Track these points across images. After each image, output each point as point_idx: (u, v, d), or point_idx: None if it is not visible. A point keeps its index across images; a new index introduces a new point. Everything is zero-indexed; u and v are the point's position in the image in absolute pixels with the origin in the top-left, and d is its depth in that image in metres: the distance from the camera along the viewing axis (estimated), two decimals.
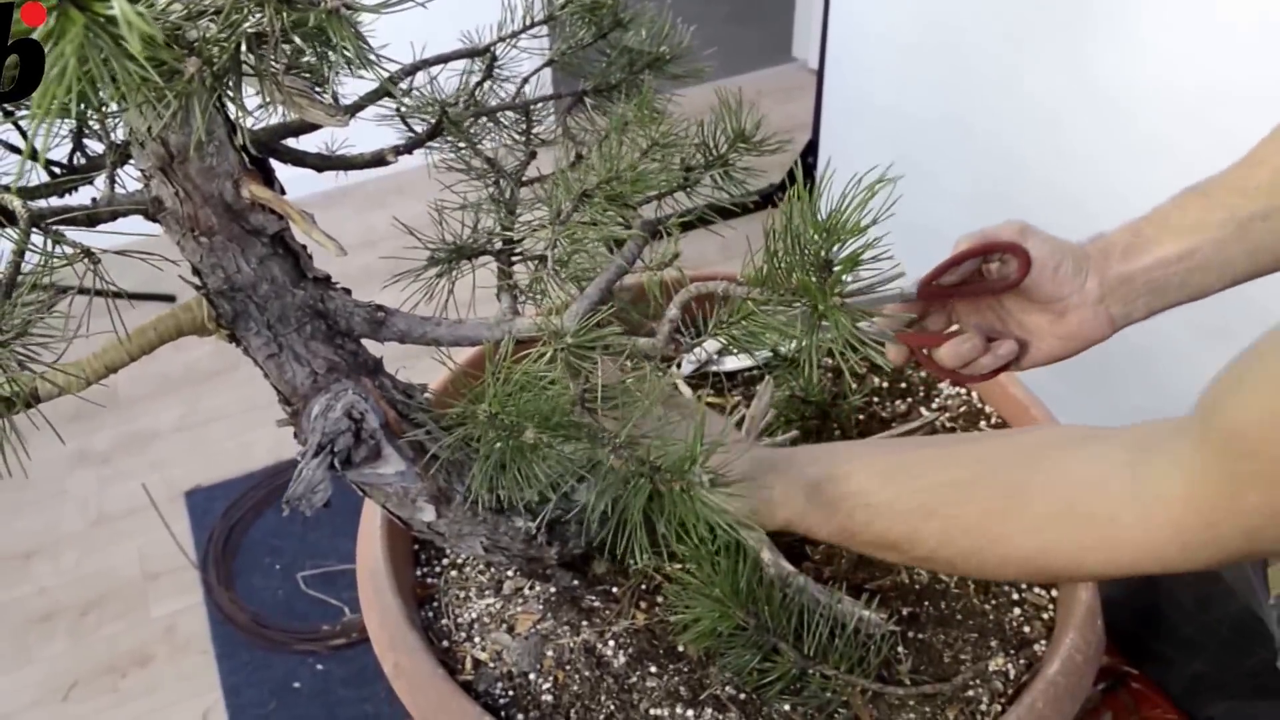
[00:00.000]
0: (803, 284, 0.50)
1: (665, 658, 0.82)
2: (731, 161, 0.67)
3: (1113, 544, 0.58)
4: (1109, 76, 1.58)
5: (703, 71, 0.79)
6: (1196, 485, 0.53)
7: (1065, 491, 0.60)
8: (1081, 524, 0.59)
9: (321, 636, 1.86)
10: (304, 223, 0.59)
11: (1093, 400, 1.85)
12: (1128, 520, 0.56)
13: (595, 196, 0.62)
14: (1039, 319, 0.79)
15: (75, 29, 0.27)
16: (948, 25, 1.94)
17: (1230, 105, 1.38)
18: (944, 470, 0.67)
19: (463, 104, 0.75)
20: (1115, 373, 1.82)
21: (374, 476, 0.67)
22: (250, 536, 2.05)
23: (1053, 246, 0.78)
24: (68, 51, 0.27)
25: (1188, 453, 0.55)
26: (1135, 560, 0.57)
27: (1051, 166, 1.75)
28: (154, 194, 0.57)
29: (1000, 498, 0.63)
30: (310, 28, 0.38)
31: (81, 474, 2.20)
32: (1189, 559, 0.55)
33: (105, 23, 0.27)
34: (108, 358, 0.55)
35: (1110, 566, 0.59)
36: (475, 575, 0.89)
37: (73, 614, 1.91)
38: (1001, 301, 0.81)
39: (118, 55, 0.28)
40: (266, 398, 0.68)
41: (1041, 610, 0.88)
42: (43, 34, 0.27)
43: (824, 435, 1.03)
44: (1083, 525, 0.59)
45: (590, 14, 0.74)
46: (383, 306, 0.67)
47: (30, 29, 0.27)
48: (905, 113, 2.11)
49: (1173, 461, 0.55)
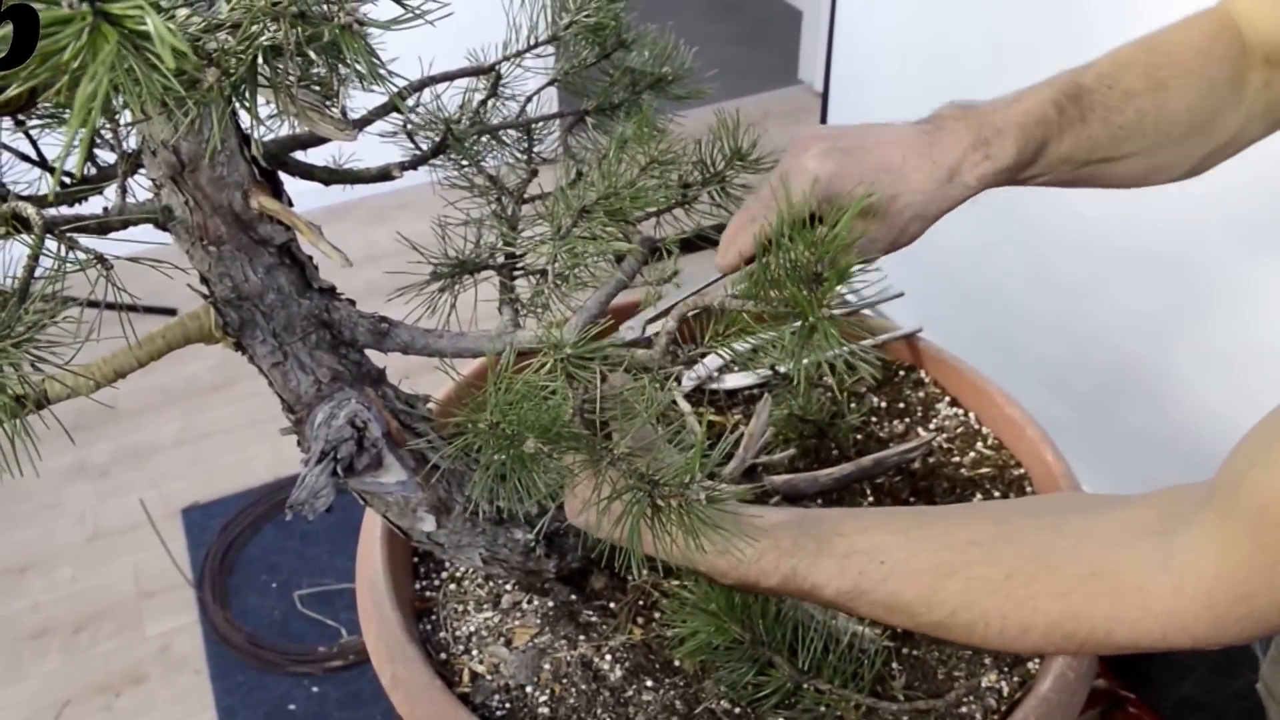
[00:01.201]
0: (793, 296, 0.51)
1: (661, 672, 0.83)
2: (729, 179, 0.69)
3: (1142, 614, 0.56)
4: None
5: (704, 92, 0.80)
6: (1228, 558, 0.52)
7: (1094, 556, 0.58)
8: (1110, 591, 0.57)
9: (318, 658, 1.85)
10: (311, 234, 0.60)
11: (1091, 423, 1.86)
12: (1158, 590, 0.55)
13: (595, 212, 0.64)
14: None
15: (109, 46, 0.28)
16: (951, 47, 1.97)
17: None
18: (966, 529, 0.63)
19: (467, 121, 0.76)
20: (1114, 397, 1.83)
21: (375, 485, 0.68)
22: (247, 554, 2.05)
23: (846, 176, 0.72)
24: (101, 71, 0.28)
25: (1216, 525, 0.54)
26: (1165, 632, 0.56)
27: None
28: (164, 203, 0.58)
29: (1026, 559, 0.60)
30: (324, 42, 0.39)
31: (79, 487, 2.19)
32: (1219, 634, 0.54)
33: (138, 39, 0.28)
34: (117, 362, 0.56)
35: (1139, 637, 0.57)
36: (474, 589, 0.90)
37: (66, 631, 1.91)
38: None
39: (147, 70, 0.29)
40: (265, 413, 0.69)
41: None
42: (73, 52, 0.29)
43: (822, 454, 1.04)
44: (1112, 592, 0.57)
45: (594, 34, 0.76)
46: (386, 318, 0.68)
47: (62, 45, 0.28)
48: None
49: (1203, 533, 0.54)
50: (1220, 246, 1.54)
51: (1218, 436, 1.77)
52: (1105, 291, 1.78)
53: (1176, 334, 1.65)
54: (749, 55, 3.79)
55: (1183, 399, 1.68)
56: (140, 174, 0.62)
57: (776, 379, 1.03)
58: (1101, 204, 1.67)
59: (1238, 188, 1.47)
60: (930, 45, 2.04)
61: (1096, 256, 1.77)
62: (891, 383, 1.15)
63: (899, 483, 1.02)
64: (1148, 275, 1.68)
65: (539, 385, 0.54)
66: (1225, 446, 0.96)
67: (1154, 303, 1.69)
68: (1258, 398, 0.72)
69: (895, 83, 2.18)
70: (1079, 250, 1.79)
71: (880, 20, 2.18)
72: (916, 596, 0.62)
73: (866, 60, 2.25)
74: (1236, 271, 1.53)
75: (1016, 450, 1.05)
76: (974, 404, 1.10)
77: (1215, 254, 1.55)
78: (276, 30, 0.38)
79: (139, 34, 0.29)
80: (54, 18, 0.28)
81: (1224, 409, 1.59)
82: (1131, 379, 1.77)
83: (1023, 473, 1.02)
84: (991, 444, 1.06)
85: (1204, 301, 1.60)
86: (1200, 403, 1.64)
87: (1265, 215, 1.45)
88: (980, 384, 1.08)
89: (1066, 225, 1.76)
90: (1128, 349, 1.77)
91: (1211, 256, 1.56)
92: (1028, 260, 1.92)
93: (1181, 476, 1.08)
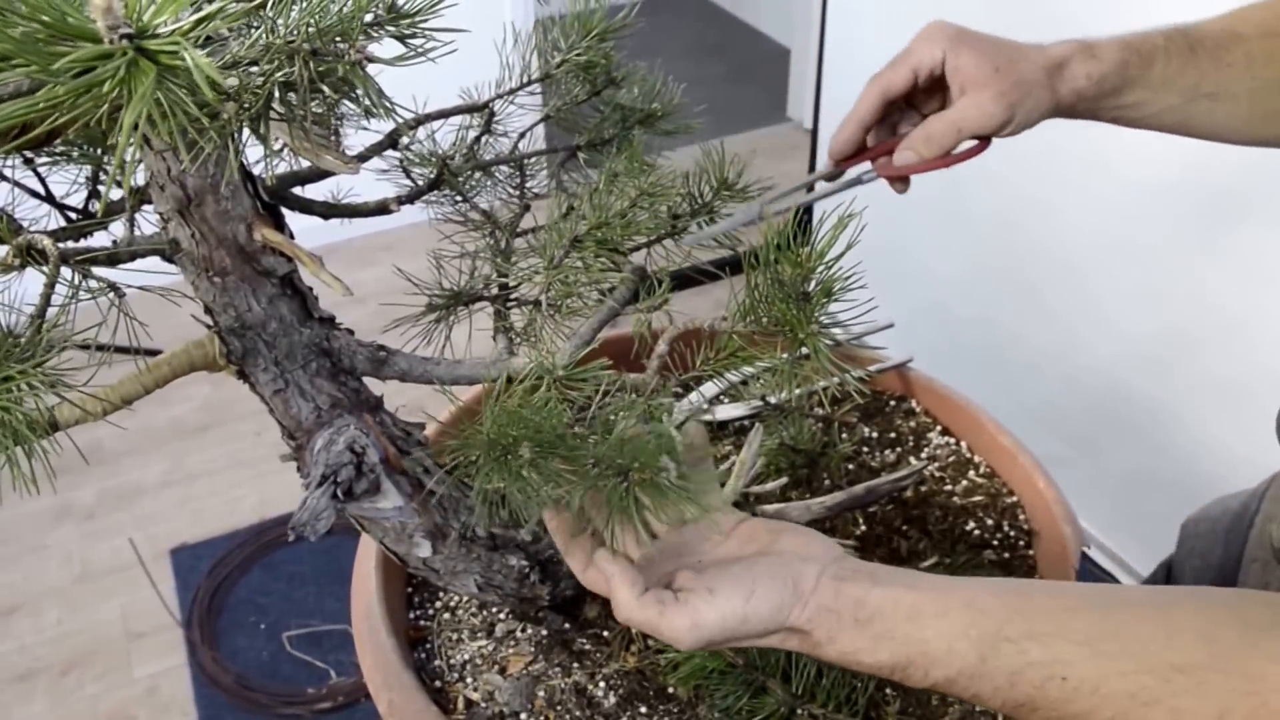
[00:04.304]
0: (782, 314, 0.53)
1: (655, 698, 0.83)
2: (716, 209, 0.71)
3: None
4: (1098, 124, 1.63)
5: (692, 127, 0.83)
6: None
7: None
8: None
9: (306, 700, 1.84)
10: (313, 265, 0.61)
11: (1088, 460, 1.87)
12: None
13: (586, 242, 0.66)
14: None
15: (149, 79, 0.30)
16: None
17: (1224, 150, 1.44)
18: (1169, 648, 0.54)
19: (461, 157, 0.78)
20: (1113, 431, 1.84)
21: (373, 511, 0.69)
22: (235, 595, 2.04)
23: (983, 55, 0.80)
24: (140, 103, 0.30)
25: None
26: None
27: (1048, 193, 1.77)
28: (172, 236, 0.60)
29: (1241, 694, 0.51)
30: (336, 78, 0.41)
31: (65, 529, 2.19)
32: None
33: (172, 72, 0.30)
34: (124, 389, 0.57)
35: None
36: (468, 618, 0.91)
37: (53, 673, 1.89)
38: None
39: (176, 101, 0.31)
40: (251, 455, 0.70)
41: None
42: (113, 85, 0.30)
43: (813, 483, 1.05)
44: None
45: (584, 72, 0.78)
46: (384, 346, 0.70)
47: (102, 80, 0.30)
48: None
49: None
50: (1218, 275, 1.56)
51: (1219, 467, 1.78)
52: (1099, 322, 1.79)
53: (1173, 364, 1.67)
54: (738, 94, 3.86)
55: (1180, 430, 1.69)
56: (146, 208, 0.64)
57: (768, 409, 1.04)
58: (1095, 231, 1.70)
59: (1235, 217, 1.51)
60: None
61: (1090, 286, 1.78)
62: (882, 412, 1.17)
63: (891, 511, 1.03)
64: (1143, 304, 1.70)
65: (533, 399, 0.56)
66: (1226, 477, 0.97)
67: (1150, 332, 1.70)
68: (1258, 427, 0.73)
69: None
70: (1072, 280, 1.81)
71: (867, 57, 2.21)
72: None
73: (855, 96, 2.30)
74: (1234, 299, 1.54)
75: (1009, 478, 1.06)
76: (965, 433, 1.12)
77: (1213, 282, 1.57)
78: (291, 67, 0.40)
79: (172, 69, 0.31)
80: (95, 54, 0.30)
81: (1224, 439, 1.60)
82: (1127, 410, 1.78)
83: (1015, 500, 1.04)
84: (984, 472, 1.08)
85: (1200, 332, 1.61)
86: (1199, 433, 1.65)
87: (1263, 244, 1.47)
88: (971, 412, 1.10)
89: (1060, 253, 1.78)
90: (1122, 379, 1.77)
91: (1209, 285, 1.58)
92: (1020, 290, 1.94)
93: (1180, 510, 1.10)
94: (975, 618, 0.57)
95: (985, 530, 1.00)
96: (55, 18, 0.30)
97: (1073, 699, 0.54)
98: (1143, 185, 1.61)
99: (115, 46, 0.30)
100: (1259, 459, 0.95)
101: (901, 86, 0.83)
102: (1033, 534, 1.00)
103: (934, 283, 2.05)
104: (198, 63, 0.30)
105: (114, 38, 0.30)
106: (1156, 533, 1.24)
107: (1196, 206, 1.54)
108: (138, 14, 0.31)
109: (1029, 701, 0.56)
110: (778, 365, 0.58)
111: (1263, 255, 1.48)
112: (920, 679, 0.58)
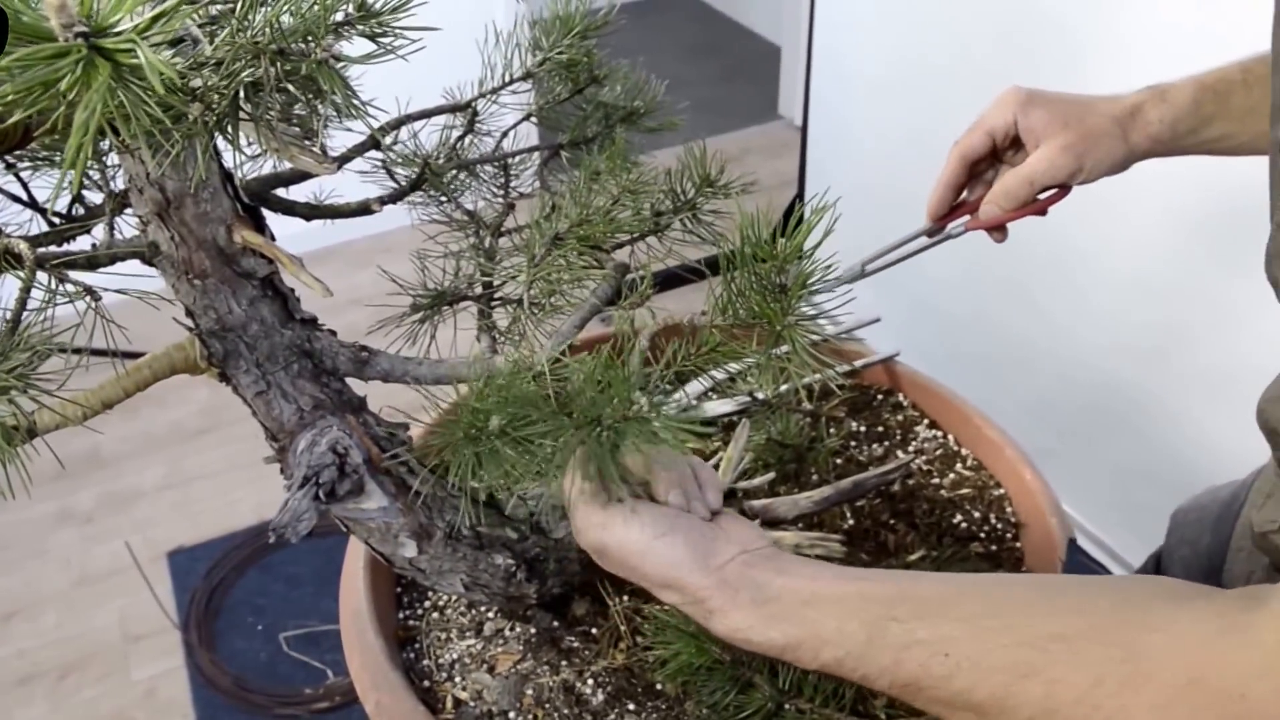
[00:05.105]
0: (759, 306, 0.53)
1: (643, 695, 0.84)
2: (699, 205, 0.71)
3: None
4: None
5: (675, 124, 0.83)
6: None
7: (1190, 659, 0.52)
8: (1210, 700, 0.50)
9: (304, 700, 1.85)
10: (293, 266, 0.62)
11: (1080, 454, 1.87)
12: (1260, 694, 0.49)
13: (568, 239, 0.66)
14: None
15: (102, 77, 0.30)
16: (928, 73, 2.01)
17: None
18: (1045, 620, 0.55)
19: (444, 158, 0.79)
20: (1103, 423, 1.84)
21: (357, 512, 0.69)
22: (233, 596, 2.05)
23: (1052, 112, 0.86)
24: (95, 99, 0.30)
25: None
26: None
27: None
28: (151, 238, 0.60)
29: (1116, 661, 0.52)
30: (302, 77, 0.41)
31: (63, 533, 2.19)
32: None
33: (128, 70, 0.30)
34: (105, 393, 0.58)
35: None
36: (456, 617, 0.91)
37: (52, 677, 1.90)
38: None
39: (136, 101, 0.31)
40: (249, 458, 0.70)
41: None
42: (69, 83, 0.31)
43: (801, 478, 1.05)
44: (1211, 702, 0.50)
45: (567, 71, 0.79)
46: (366, 347, 0.70)
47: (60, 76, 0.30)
48: (888, 162, 2.18)
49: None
50: (1205, 268, 1.56)
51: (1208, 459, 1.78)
52: (1089, 316, 1.79)
53: (1163, 356, 1.67)
54: (730, 93, 3.86)
55: (1170, 422, 1.70)
56: (127, 212, 0.64)
57: (755, 404, 1.04)
58: (1084, 227, 1.70)
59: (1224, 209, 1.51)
60: (906, 76, 2.09)
61: (1079, 281, 1.79)
62: (870, 406, 1.17)
63: (879, 505, 1.04)
64: (1133, 299, 1.70)
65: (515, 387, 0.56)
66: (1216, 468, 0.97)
67: (1139, 326, 1.71)
68: (1247, 419, 0.73)
69: (873, 114, 2.23)
70: (1062, 276, 1.81)
71: (855, 53, 2.23)
72: (988, 698, 0.55)
73: (844, 93, 2.30)
74: (1222, 294, 1.54)
75: (996, 470, 1.06)
76: (952, 426, 1.12)
77: (1201, 277, 1.57)
78: (257, 67, 0.40)
79: (130, 67, 0.31)
80: (50, 52, 0.30)
81: (1214, 430, 1.60)
82: (1117, 403, 1.79)
83: (1003, 493, 1.04)
84: (971, 465, 1.08)
85: (1190, 325, 1.62)
86: (1188, 425, 1.66)
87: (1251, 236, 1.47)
88: (958, 406, 1.10)
89: (1049, 247, 1.78)
90: (1112, 373, 1.78)
91: (1197, 279, 1.58)
92: (1010, 286, 1.94)
93: (1170, 501, 1.10)
94: (867, 602, 0.58)
95: (972, 523, 1.01)
96: (11, 16, 0.30)
97: (954, 675, 0.55)
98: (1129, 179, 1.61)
99: (71, 44, 0.30)
100: (1248, 450, 0.95)
101: (980, 150, 0.90)
102: (1020, 526, 1.00)
103: (925, 279, 2.05)
104: (151, 61, 0.30)
105: (69, 36, 0.31)
106: (1147, 523, 1.25)
107: (1185, 199, 1.54)
108: (93, 12, 0.31)
109: (914, 681, 0.56)
110: (758, 360, 0.58)
111: (1251, 248, 1.48)
112: (810, 660, 0.59)
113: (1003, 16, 1.78)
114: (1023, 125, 0.88)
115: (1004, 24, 1.78)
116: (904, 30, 2.06)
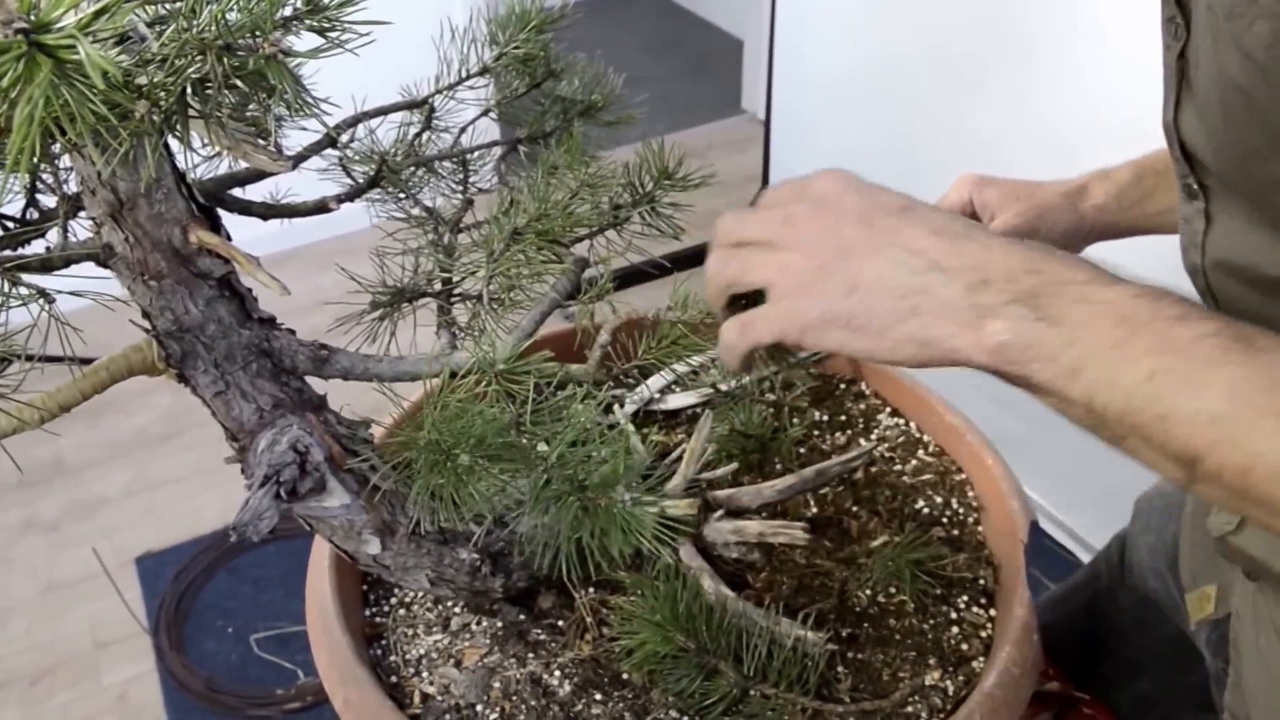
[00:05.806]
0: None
1: (610, 685, 0.84)
2: (658, 198, 0.72)
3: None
4: (1050, 111, 1.65)
5: (633, 117, 0.84)
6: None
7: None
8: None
9: (276, 701, 1.84)
10: (249, 265, 0.61)
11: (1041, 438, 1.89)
12: None
13: (526, 234, 0.66)
14: None
15: (43, 73, 0.30)
16: (890, 67, 2.02)
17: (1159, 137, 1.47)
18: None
19: (401, 155, 0.79)
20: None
21: (320, 509, 0.69)
22: (202, 600, 2.03)
23: (1004, 190, 0.94)
24: (36, 94, 0.30)
25: None
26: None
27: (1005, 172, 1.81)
28: (105, 240, 0.60)
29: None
30: (250, 72, 0.42)
31: (30, 541, 2.17)
32: None
33: (70, 67, 0.31)
34: (62, 396, 0.57)
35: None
36: (423, 613, 0.91)
37: (23, 683, 1.88)
38: None
39: (79, 98, 0.31)
40: (214, 462, 0.70)
41: (979, 629, 0.91)
42: (10, 80, 0.31)
43: (765, 468, 1.06)
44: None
45: (524, 65, 0.79)
46: (326, 345, 0.70)
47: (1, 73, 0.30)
48: (851, 156, 2.19)
49: None
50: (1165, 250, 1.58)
51: None
52: None
53: None
54: (694, 88, 3.86)
55: None
56: (81, 216, 0.63)
57: (718, 396, 1.05)
58: None
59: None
60: (868, 71, 2.10)
61: None
62: (833, 396, 1.18)
63: (842, 492, 1.05)
64: None
65: (474, 401, 0.56)
66: None
67: None
68: None
69: (835, 108, 2.24)
70: None
71: (816, 46, 2.24)
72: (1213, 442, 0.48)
73: (805, 86, 2.32)
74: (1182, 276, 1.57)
75: (957, 456, 1.08)
76: (914, 413, 1.13)
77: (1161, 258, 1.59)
78: (203, 64, 0.40)
79: (71, 64, 0.31)
80: None
81: None
82: None
83: (964, 478, 1.06)
84: (932, 451, 1.10)
85: None
86: None
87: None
88: (920, 393, 1.12)
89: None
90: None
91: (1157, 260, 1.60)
92: None
93: (1130, 484, 1.11)
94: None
95: (934, 508, 1.02)
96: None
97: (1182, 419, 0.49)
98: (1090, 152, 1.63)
99: (10, 41, 0.31)
100: None
101: None
102: (981, 509, 1.01)
103: None
104: (92, 57, 0.30)
105: (9, 32, 0.31)
106: (1109, 505, 1.27)
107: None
108: (34, 8, 0.31)
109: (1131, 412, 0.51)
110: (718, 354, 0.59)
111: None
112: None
113: (964, 12, 1.80)
114: (978, 201, 0.95)
115: (965, 20, 1.80)
116: (866, 25, 2.08)
